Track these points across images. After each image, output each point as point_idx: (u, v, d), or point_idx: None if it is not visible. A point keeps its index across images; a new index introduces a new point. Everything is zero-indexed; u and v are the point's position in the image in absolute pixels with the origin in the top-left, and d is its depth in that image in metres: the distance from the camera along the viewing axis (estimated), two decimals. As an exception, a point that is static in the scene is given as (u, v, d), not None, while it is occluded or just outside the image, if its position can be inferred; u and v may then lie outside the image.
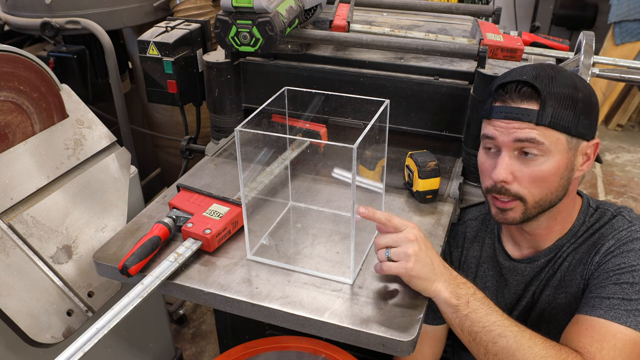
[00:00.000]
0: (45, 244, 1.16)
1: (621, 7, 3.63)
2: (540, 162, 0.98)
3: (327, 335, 0.93)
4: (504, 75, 1.05)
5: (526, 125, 0.97)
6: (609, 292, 0.95)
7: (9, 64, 1.15)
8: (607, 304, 0.94)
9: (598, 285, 0.98)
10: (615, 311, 0.92)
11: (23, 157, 1.17)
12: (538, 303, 1.14)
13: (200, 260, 1.06)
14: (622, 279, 0.96)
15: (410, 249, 0.91)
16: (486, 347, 0.90)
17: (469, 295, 0.91)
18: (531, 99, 0.97)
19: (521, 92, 0.98)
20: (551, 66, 1.02)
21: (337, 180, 1.29)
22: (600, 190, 3.33)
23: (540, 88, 0.96)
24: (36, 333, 1.13)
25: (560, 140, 0.98)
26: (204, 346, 2.27)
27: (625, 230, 1.03)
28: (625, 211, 1.07)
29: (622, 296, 0.94)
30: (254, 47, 1.21)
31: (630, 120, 4.14)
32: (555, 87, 0.97)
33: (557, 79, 0.98)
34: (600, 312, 0.93)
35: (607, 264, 1.00)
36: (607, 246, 1.02)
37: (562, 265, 1.10)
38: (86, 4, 1.91)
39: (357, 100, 1.12)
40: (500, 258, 1.19)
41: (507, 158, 1.00)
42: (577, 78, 1.02)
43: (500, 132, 1.00)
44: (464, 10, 1.63)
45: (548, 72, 0.99)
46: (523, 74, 0.99)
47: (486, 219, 1.25)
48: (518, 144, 0.99)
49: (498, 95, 1.02)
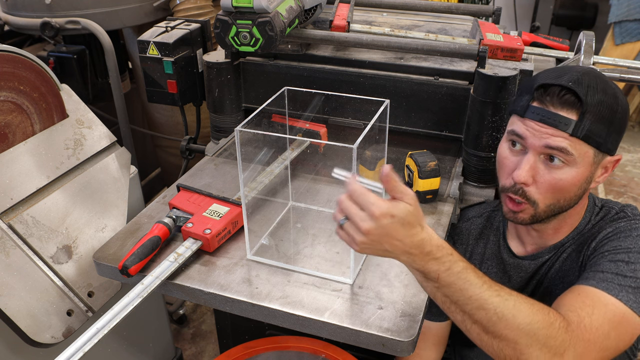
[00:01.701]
0: (45, 244, 1.16)
1: (621, 7, 3.63)
2: (563, 172, 0.97)
3: (327, 335, 0.93)
4: (546, 74, 1.01)
5: (560, 133, 0.95)
6: (604, 268, 0.95)
7: (9, 64, 1.15)
8: (601, 276, 0.93)
9: (594, 264, 0.98)
10: (609, 283, 0.92)
11: (23, 157, 1.17)
12: (536, 295, 1.14)
13: (200, 260, 1.06)
14: (618, 257, 0.95)
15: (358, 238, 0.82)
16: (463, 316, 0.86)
17: (441, 272, 0.83)
18: (572, 108, 0.94)
19: (563, 98, 0.95)
20: (596, 74, 0.99)
21: (337, 180, 1.28)
22: (600, 190, 3.34)
23: (583, 99, 0.93)
24: (36, 333, 1.12)
25: (588, 154, 0.96)
26: (204, 346, 2.27)
27: (625, 222, 1.02)
28: (628, 208, 1.07)
29: (617, 272, 0.93)
30: (254, 47, 1.21)
31: (630, 120, 4.14)
32: (597, 100, 0.94)
33: (600, 91, 0.95)
34: (593, 283, 0.93)
35: (603, 247, 1.00)
36: (604, 233, 1.02)
37: (561, 257, 1.10)
38: (86, 4, 1.91)
39: (357, 100, 1.12)
40: (504, 255, 1.19)
41: (532, 160, 0.98)
42: (618, 91, 0.99)
43: (532, 134, 0.98)
44: (464, 10, 1.63)
45: (593, 81, 0.96)
46: (570, 80, 0.95)
47: (491, 216, 1.24)
48: (547, 150, 0.97)
49: (538, 95, 0.98)
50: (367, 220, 0.81)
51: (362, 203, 0.82)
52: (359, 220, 0.81)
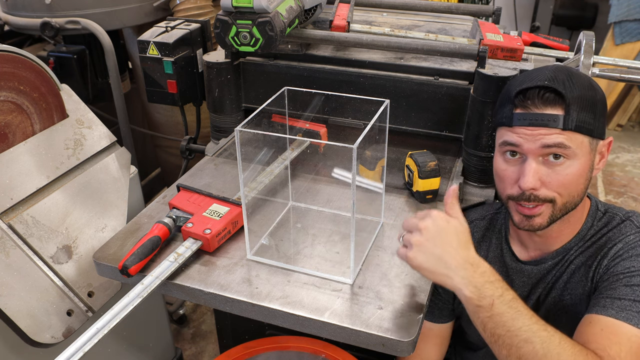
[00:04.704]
0: (45, 244, 1.16)
1: (621, 7, 3.64)
2: (566, 166, 0.97)
3: (327, 335, 0.93)
4: (520, 80, 1.02)
5: (553, 131, 0.95)
6: (620, 294, 0.95)
7: (9, 64, 1.15)
8: (619, 304, 0.93)
9: (608, 287, 0.98)
10: (627, 312, 0.92)
11: (23, 157, 1.17)
12: (543, 305, 1.13)
13: (200, 260, 1.06)
14: (633, 281, 0.95)
15: (414, 238, 0.90)
16: (509, 350, 0.86)
17: (495, 298, 0.86)
18: (555, 104, 0.96)
19: (544, 97, 0.96)
20: (566, 68, 1.01)
21: (337, 180, 1.29)
22: (600, 190, 3.33)
23: (563, 92, 0.95)
24: (36, 333, 1.13)
25: (584, 143, 0.97)
26: (204, 346, 2.27)
27: (633, 235, 1.02)
28: (634, 216, 1.06)
29: (634, 298, 0.93)
30: (254, 47, 1.21)
31: (630, 120, 4.14)
32: (577, 90, 0.95)
33: (576, 82, 0.97)
34: (612, 312, 0.93)
35: (616, 267, 0.99)
36: (616, 250, 1.01)
37: (569, 268, 1.09)
38: (86, 4, 1.91)
39: (357, 100, 1.12)
40: (507, 259, 1.19)
41: (534, 164, 0.98)
42: (590, 78, 1.01)
43: (526, 140, 0.98)
44: (464, 10, 1.63)
45: (566, 74, 0.97)
46: (543, 79, 0.97)
47: (494, 219, 1.24)
48: (545, 150, 0.97)
49: (519, 102, 0.99)
50: (425, 218, 0.91)
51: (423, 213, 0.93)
52: (418, 222, 0.91)
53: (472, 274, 0.87)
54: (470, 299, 0.87)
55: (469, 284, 0.87)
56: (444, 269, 0.88)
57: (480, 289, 0.87)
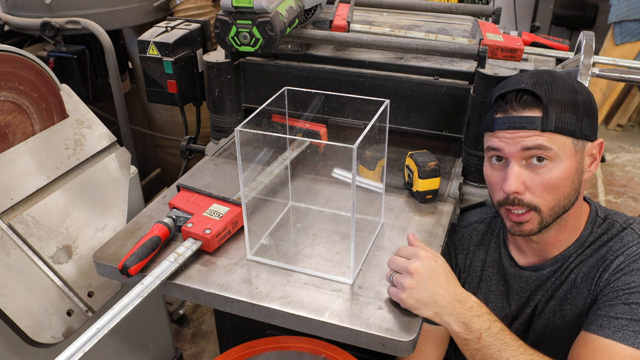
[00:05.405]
0: (45, 244, 1.16)
1: (621, 7, 3.64)
2: (549, 169, 0.98)
3: (327, 335, 0.93)
4: (501, 86, 1.04)
5: (532, 133, 0.96)
6: (618, 312, 0.95)
7: (9, 64, 1.15)
8: (616, 324, 0.93)
9: (607, 303, 0.98)
10: (624, 332, 0.92)
11: (23, 157, 1.17)
12: (542, 313, 1.13)
13: (200, 260, 1.06)
14: (632, 299, 0.95)
15: (406, 281, 0.91)
16: None
17: (483, 331, 0.90)
18: (533, 107, 0.97)
19: (522, 100, 0.97)
20: (547, 72, 1.02)
21: (337, 180, 1.29)
22: (600, 191, 3.33)
23: (540, 94, 0.96)
24: (36, 333, 1.13)
25: (567, 144, 0.97)
26: (204, 346, 2.27)
27: (635, 246, 1.01)
28: (635, 223, 1.05)
29: (631, 317, 0.93)
30: (254, 47, 1.21)
31: (630, 120, 4.14)
32: (555, 92, 0.96)
33: (556, 84, 0.97)
34: (609, 333, 0.93)
35: (616, 282, 0.99)
36: (617, 263, 1.01)
37: (569, 277, 1.08)
38: (86, 4, 1.91)
39: (357, 100, 1.12)
40: (505, 263, 1.18)
41: (516, 168, 0.99)
42: (574, 81, 1.01)
43: (506, 143, 0.99)
44: (464, 10, 1.63)
45: (545, 77, 0.99)
46: (521, 83, 0.98)
47: (492, 222, 1.24)
48: (526, 153, 0.98)
49: (498, 107, 1.01)
50: (414, 261, 0.93)
51: (409, 253, 0.95)
52: (408, 264, 0.92)
53: (460, 309, 0.91)
54: (459, 333, 0.91)
55: (457, 320, 0.91)
56: (434, 308, 0.91)
57: (468, 324, 0.91)
